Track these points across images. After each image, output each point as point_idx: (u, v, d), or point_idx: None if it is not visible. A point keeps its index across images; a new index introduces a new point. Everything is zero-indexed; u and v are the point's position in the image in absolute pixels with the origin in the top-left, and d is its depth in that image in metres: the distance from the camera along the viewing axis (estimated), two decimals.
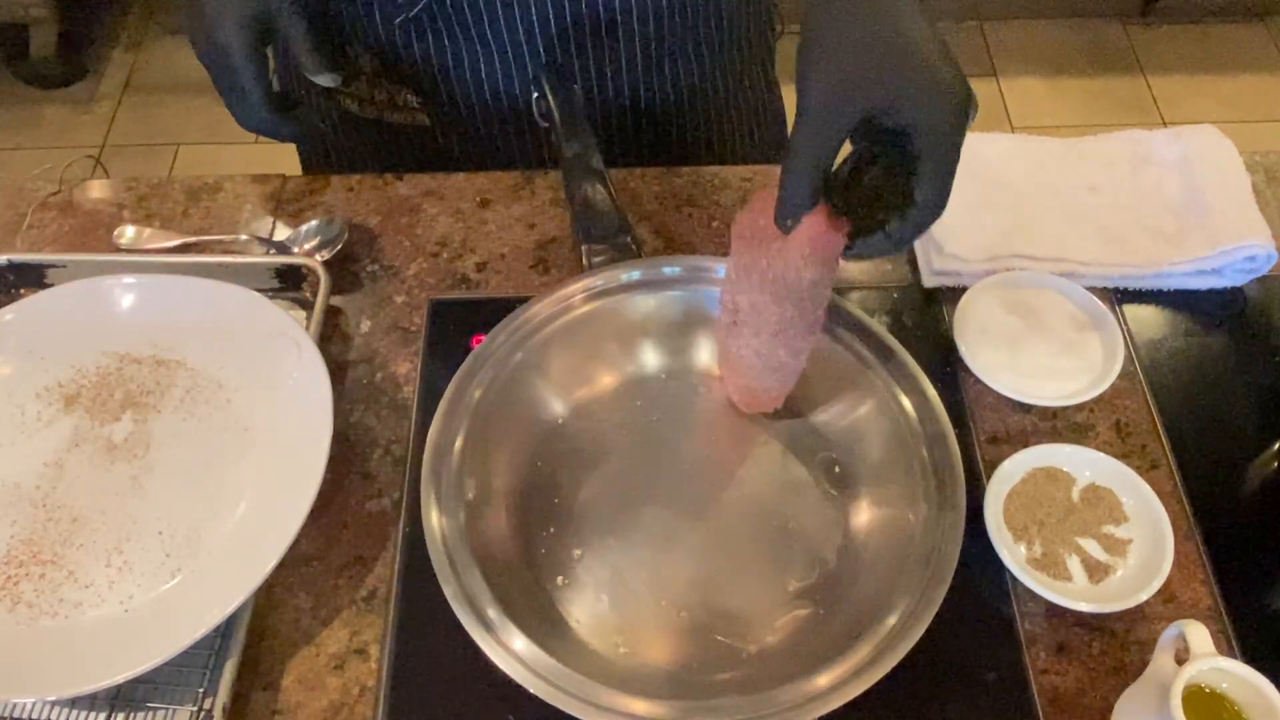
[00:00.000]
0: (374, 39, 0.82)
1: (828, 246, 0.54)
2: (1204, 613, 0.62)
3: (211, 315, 0.69)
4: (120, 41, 2.37)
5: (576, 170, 0.75)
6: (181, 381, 0.68)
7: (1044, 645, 0.61)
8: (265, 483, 0.63)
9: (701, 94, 0.89)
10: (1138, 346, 0.74)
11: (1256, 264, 0.75)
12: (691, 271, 0.70)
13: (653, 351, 0.72)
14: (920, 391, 0.64)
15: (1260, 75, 2.25)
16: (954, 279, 0.76)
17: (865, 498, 0.65)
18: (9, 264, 0.75)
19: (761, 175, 0.84)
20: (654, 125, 0.89)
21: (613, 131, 0.88)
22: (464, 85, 0.83)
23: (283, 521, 0.59)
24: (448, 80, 0.83)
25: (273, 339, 0.67)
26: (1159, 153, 0.82)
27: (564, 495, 0.66)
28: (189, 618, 0.56)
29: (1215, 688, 0.52)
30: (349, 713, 0.59)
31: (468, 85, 0.83)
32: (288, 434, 0.64)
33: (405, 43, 0.81)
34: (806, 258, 0.55)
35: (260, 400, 0.67)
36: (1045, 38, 2.33)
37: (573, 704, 0.53)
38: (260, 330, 0.68)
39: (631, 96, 0.85)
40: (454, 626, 0.55)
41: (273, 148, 0.99)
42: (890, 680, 0.54)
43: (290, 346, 0.66)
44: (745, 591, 0.63)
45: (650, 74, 0.84)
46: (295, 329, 0.67)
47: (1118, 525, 0.64)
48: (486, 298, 0.77)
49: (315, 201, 0.83)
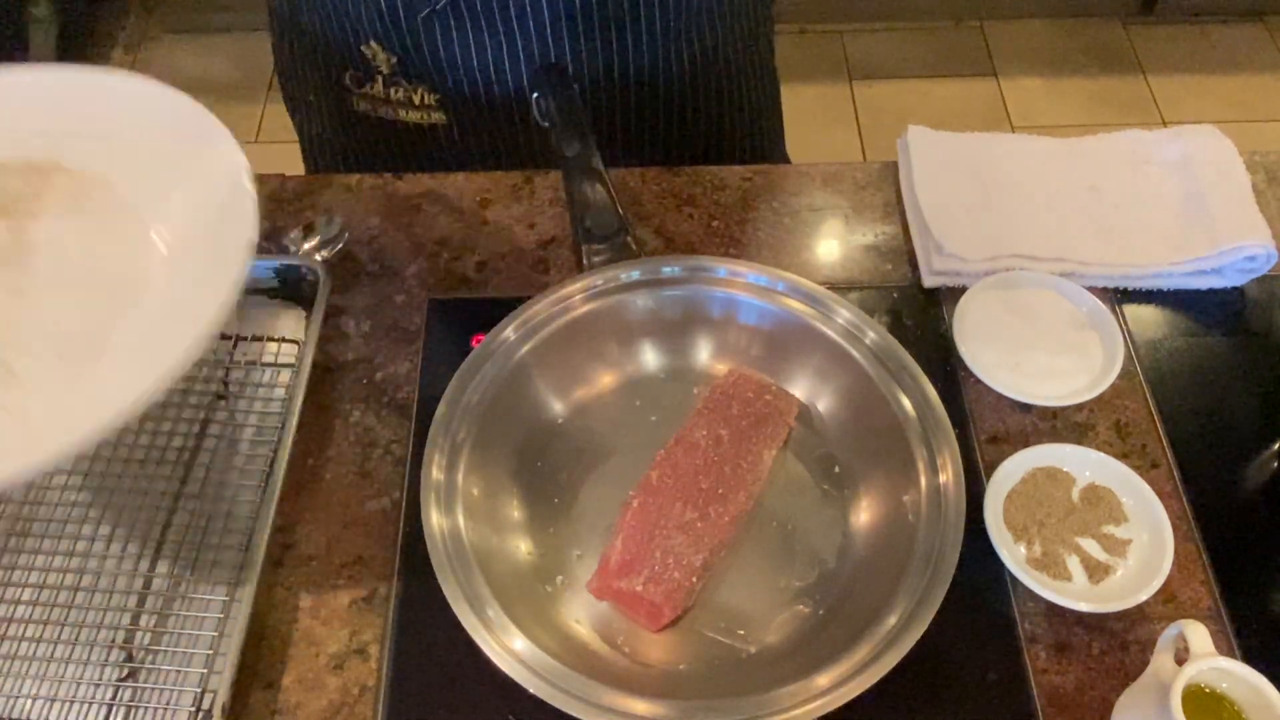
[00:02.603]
0: (393, 36, 0.82)
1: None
2: (1204, 613, 0.62)
3: (94, 111, 0.60)
4: (120, 41, 2.36)
5: (576, 170, 0.75)
6: (61, 185, 0.60)
7: (1044, 645, 0.61)
8: (176, 280, 0.56)
9: (714, 67, 0.89)
10: (1138, 346, 0.74)
11: (1256, 264, 0.75)
12: (691, 271, 0.70)
13: (652, 351, 0.72)
14: (920, 391, 0.64)
15: (1260, 75, 2.25)
16: (954, 279, 0.76)
17: (865, 498, 0.65)
18: None
19: (761, 175, 0.84)
20: (667, 104, 0.88)
21: (630, 111, 0.87)
22: (483, 77, 0.83)
23: (197, 316, 0.51)
24: (467, 74, 0.83)
25: (178, 135, 0.58)
26: (1159, 153, 0.82)
27: (564, 495, 0.66)
28: (90, 417, 0.48)
29: (1215, 688, 0.52)
30: (349, 713, 0.59)
31: (490, 77, 0.83)
32: (199, 228, 0.57)
33: (428, 38, 0.81)
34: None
35: (163, 198, 0.58)
36: (1045, 38, 2.33)
37: (573, 704, 0.53)
38: (165, 127, 0.59)
39: (650, 71, 0.85)
40: (454, 626, 0.55)
41: (273, 148, 0.99)
42: (890, 680, 0.54)
43: (200, 140, 0.58)
44: (745, 591, 0.63)
45: (668, 45, 0.84)
46: (206, 119, 0.58)
47: (1118, 525, 0.64)
48: (486, 298, 0.77)
49: (315, 201, 0.83)
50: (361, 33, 0.83)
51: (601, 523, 0.65)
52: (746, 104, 0.96)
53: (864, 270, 0.79)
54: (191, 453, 0.69)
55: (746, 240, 0.80)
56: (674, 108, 0.89)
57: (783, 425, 0.67)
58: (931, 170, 0.81)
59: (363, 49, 0.84)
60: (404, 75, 0.85)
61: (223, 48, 2.32)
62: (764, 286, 0.69)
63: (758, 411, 0.66)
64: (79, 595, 0.63)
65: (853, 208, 0.82)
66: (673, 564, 0.60)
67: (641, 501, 0.62)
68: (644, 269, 0.70)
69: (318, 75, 0.90)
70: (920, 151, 0.82)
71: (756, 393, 0.67)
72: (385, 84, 0.86)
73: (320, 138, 0.96)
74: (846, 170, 0.85)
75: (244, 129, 2.15)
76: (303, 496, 0.67)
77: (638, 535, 0.61)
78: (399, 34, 0.81)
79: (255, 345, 0.73)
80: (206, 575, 0.63)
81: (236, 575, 0.62)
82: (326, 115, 0.92)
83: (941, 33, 2.35)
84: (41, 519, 0.65)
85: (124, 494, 0.66)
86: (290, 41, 0.91)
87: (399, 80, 0.85)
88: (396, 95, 0.86)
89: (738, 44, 0.90)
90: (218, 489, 0.67)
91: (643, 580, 0.59)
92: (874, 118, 2.18)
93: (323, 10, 0.84)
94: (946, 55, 2.30)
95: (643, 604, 0.59)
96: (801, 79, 2.22)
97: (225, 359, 0.73)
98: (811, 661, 0.56)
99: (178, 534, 0.65)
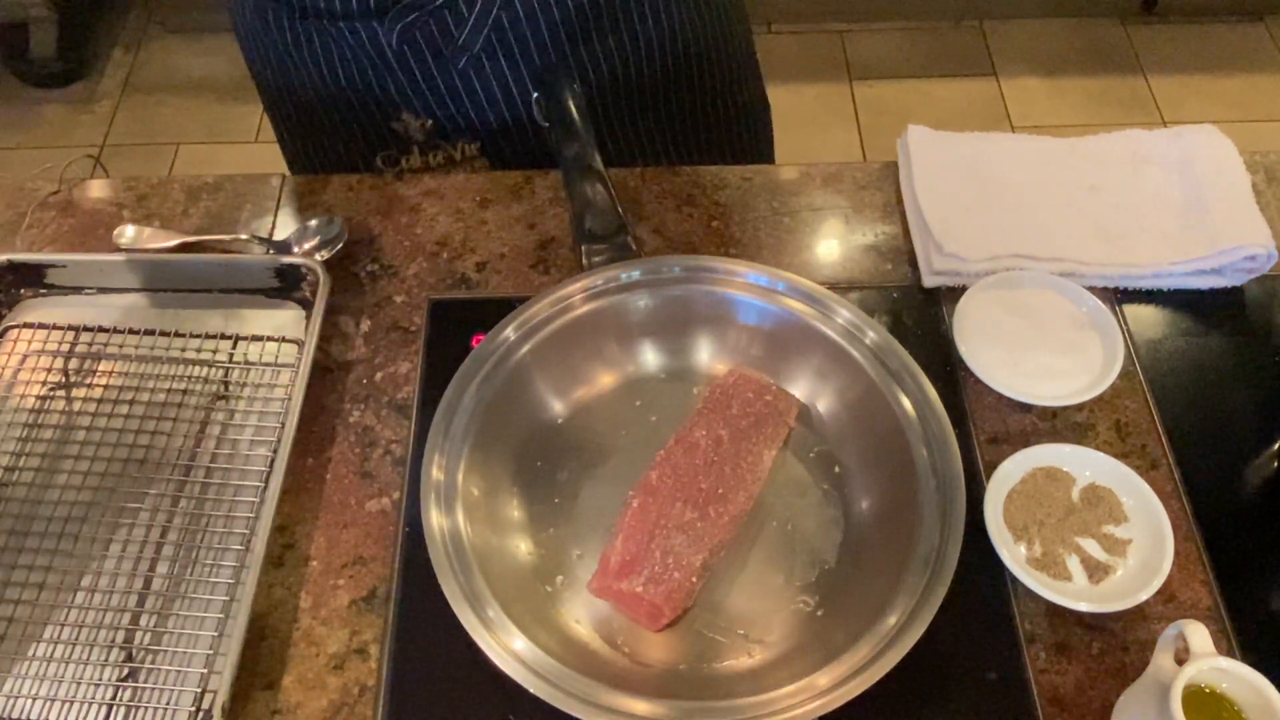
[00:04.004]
0: (429, 99, 0.82)
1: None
2: (1204, 613, 0.62)
3: None
4: (120, 41, 2.36)
5: (576, 170, 0.75)
6: None
7: (1044, 645, 0.61)
8: None
9: (707, 64, 0.89)
10: (1138, 346, 0.74)
11: (1256, 264, 0.75)
12: (691, 271, 0.70)
13: (652, 351, 0.72)
14: (920, 391, 0.64)
15: (1260, 75, 2.25)
16: (954, 279, 0.76)
17: (865, 497, 0.65)
18: (9, 264, 0.74)
19: (761, 175, 0.84)
20: (664, 102, 0.89)
21: (635, 89, 0.88)
22: (513, 106, 0.83)
23: None
24: (509, 108, 0.83)
25: None
26: (1159, 152, 0.82)
27: (564, 495, 0.66)
28: None
29: (1215, 688, 0.52)
30: (349, 713, 0.59)
31: (515, 102, 0.83)
32: None
33: (465, 85, 0.81)
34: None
35: None
36: (1045, 38, 2.33)
37: (573, 704, 0.53)
38: None
39: (647, 70, 0.85)
40: (454, 626, 0.56)
41: (273, 148, 0.99)
42: (890, 680, 0.54)
43: None
44: (745, 591, 0.63)
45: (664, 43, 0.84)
46: None
47: (1118, 525, 0.64)
48: (486, 298, 0.77)
49: (315, 201, 0.83)
50: (390, 109, 0.83)
51: (601, 523, 0.65)
52: (738, 100, 0.96)
53: (864, 270, 0.79)
54: (191, 453, 0.69)
55: (746, 240, 0.80)
56: (670, 105, 0.89)
57: (783, 425, 0.67)
58: (931, 170, 0.81)
59: (393, 125, 0.84)
60: (442, 136, 0.85)
61: (223, 48, 2.31)
62: (764, 286, 0.69)
63: (758, 412, 0.66)
64: (79, 595, 0.63)
65: (853, 208, 0.82)
66: (673, 564, 0.60)
67: (641, 501, 0.62)
68: (644, 269, 0.70)
69: (342, 169, 0.89)
70: (920, 151, 0.82)
71: (756, 393, 0.67)
72: (422, 151, 0.85)
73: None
74: (846, 170, 0.85)
75: (244, 129, 2.15)
76: (303, 496, 0.67)
77: (638, 535, 0.61)
78: (435, 95, 0.81)
79: (255, 345, 0.73)
80: (206, 575, 0.63)
81: (236, 575, 0.62)
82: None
83: (941, 32, 2.35)
84: (41, 519, 0.65)
85: (124, 494, 0.67)
86: (304, 150, 0.92)
87: (437, 143, 0.85)
88: (436, 160, 0.86)
89: (724, 40, 0.90)
90: (218, 489, 0.67)
91: (643, 581, 0.59)
92: (874, 118, 2.18)
93: (343, 102, 0.83)
94: (946, 55, 2.30)
95: (643, 604, 0.59)
96: (801, 79, 2.22)
97: (225, 359, 0.73)
98: (811, 661, 0.56)
99: (178, 534, 0.65)
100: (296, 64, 0.82)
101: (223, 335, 0.74)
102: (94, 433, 0.69)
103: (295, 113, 0.89)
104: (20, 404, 0.71)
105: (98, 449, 0.69)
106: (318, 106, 0.86)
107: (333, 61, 0.80)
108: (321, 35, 0.79)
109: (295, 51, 0.81)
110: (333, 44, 0.79)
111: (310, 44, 0.80)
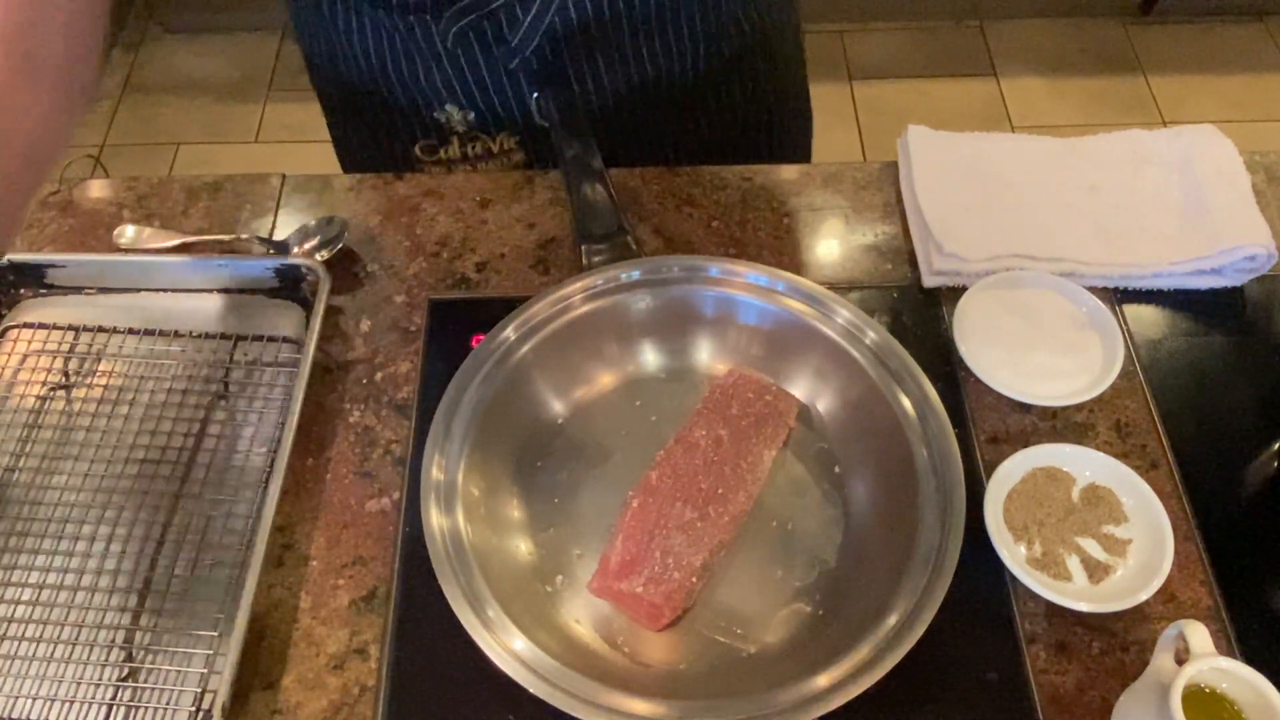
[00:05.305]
0: (475, 95, 0.82)
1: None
2: (1204, 613, 0.62)
3: None
4: (120, 41, 2.36)
5: (576, 170, 0.75)
6: None
7: (1044, 645, 0.61)
8: None
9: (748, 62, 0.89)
10: (1138, 346, 0.74)
11: (1256, 264, 0.75)
12: (691, 271, 0.70)
13: (652, 351, 0.72)
14: (920, 391, 0.64)
15: (1260, 75, 2.25)
16: (954, 279, 0.76)
17: (865, 498, 0.65)
18: (9, 264, 0.74)
19: (761, 175, 0.84)
20: (675, 106, 0.88)
21: (633, 112, 0.87)
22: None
23: None
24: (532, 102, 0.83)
25: None
26: (1159, 153, 0.82)
27: (564, 495, 0.66)
28: None
29: (1215, 688, 0.52)
30: (349, 713, 0.59)
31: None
32: None
33: (512, 81, 0.81)
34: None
35: None
36: (1045, 38, 2.33)
37: (573, 704, 0.53)
38: None
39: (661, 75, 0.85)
40: (454, 626, 0.55)
41: (273, 148, 0.99)
42: (890, 680, 0.54)
43: None
44: (745, 591, 0.63)
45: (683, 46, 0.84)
46: None
47: (1118, 525, 0.64)
48: (486, 297, 0.77)
49: (315, 201, 0.83)
50: (435, 99, 0.83)
51: (601, 523, 0.65)
52: (783, 106, 0.95)
53: (864, 270, 0.79)
54: (191, 453, 0.69)
55: (746, 240, 0.80)
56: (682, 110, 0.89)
57: (783, 425, 0.67)
58: (931, 170, 0.81)
59: (435, 115, 0.84)
60: (482, 129, 0.85)
61: (223, 48, 2.32)
62: (764, 286, 0.69)
63: (758, 412, 0.66)
64: (79, 595, 0.63)
65: (853, 208, 0.82)
66: (673, 564, 0.60)
67: (641, 501, 0.62)
68: (644, 269, 0.70)
69: (381, 154, 0.90)
70: (920, 151, 0.82)
71: (756, 393, 0.67)
72: (462, 142, 0.86)
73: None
74: (846, 170, 0.85)
75: (244, 129, 2.15)
76: (303, 496, 0.67)
77: (638, 535, 0.61)
78: (481, 89, 0.81)
79: (255, 345, 0.73)
80: (206, 575, 0.63)
81: (236, 575, 0.62)
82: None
83: (941, 33, 2.35)
84: (41, 519, 0.65)
85: (124, 494, 0.67)
86: (346, 128, 0.93)
87: (477, 135, 0.85)
88: (474, 150, 0.86)
89: (771, 37, 0.90)
90: (217, 489, 0.67)
91: (643, 581, 0.59)
92: (874, 118, 2.18)
93: (388, 90, 0.84)
94: (946, 55, 2.30)
95: (643, 604, 0.59)
96: None
97: (225, 359, 0.73)
98: (811, 661, 0.56)
99: (178, 534, 0.65)
100: (347, 52, 0.83)
101: (223, 335, 0.74)
102: (94, 433, 0.69)
103: (341, 99, 0.90)
104: (20, 404, 0.71)
105: (97, 449, 0.69)
106: (363, 94, 0.86)
107: (382, 51, 0.81)
108: (375, 26, 0.79)
109: (347, 39, 0.82)
110: (384, 35, 0.80)
111: (362, 33, 0.81)
